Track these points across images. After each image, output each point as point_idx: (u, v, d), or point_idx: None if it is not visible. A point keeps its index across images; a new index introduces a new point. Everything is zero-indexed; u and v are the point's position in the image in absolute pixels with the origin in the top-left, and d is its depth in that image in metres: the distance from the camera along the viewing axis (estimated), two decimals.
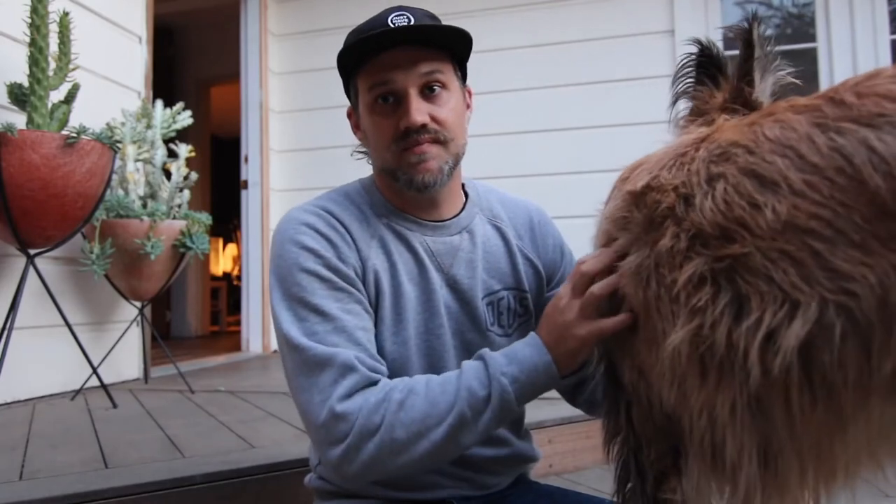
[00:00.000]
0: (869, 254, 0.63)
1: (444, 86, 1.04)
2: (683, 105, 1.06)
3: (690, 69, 1.05)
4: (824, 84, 3.66)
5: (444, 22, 1.05)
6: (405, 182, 1.04)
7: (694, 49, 1.04)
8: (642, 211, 0.81)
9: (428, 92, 1.02)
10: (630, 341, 0.85)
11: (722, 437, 0.74)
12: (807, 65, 3.69)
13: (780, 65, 1.01)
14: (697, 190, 0.75)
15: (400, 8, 1.02)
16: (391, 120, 1.01)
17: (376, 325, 1.03)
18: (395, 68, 1.00)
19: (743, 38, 0.98)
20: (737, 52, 0.99)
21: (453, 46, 1.05)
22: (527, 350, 0.93)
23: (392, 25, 0.99)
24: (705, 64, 1.03)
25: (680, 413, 0.79)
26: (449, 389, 0.92)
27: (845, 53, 3.63)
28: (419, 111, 1.00)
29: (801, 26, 3.86)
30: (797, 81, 1.01)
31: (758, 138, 0.73)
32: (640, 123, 3.66)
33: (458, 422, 0.90)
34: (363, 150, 1.15)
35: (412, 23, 1.00)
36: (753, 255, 0.69)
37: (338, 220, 1.04)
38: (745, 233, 0.70)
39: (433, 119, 1.01)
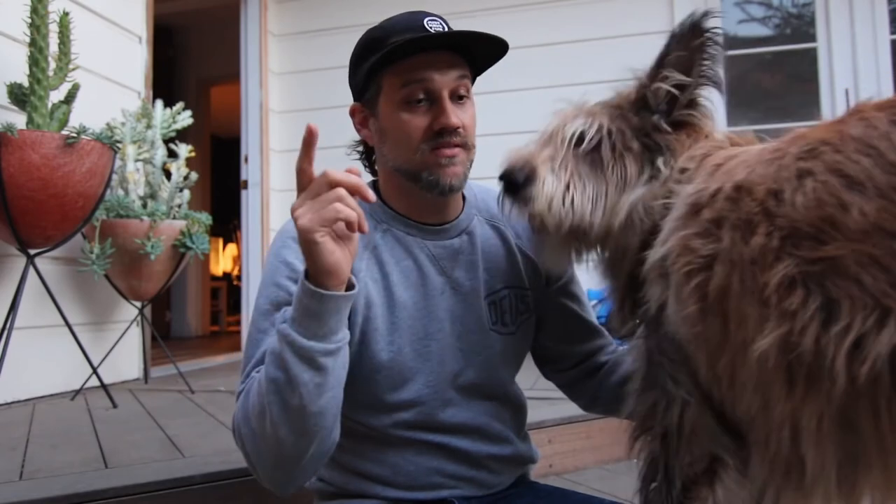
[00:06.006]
0: None
1: (468, 94, 1.06)
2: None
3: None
4: (824, 84, 3.65)
5: None
6: (429, 183, 1.04)
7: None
8: (740, 205, 0.79)
9: (456, 98, 1.04)
10: (711, 340, 0.80)
11: (804, 451, 0.72)
12: (807, 65, 3.69)
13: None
14: (787, 185, 0.74)
15: (429, 13, 1.03)
16: (423, 119, 1.02)
17: (369, 334, 1.04)
18: (432, 69, 1.01)
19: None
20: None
21: (482, 58, 1.07)
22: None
23: (430, 29, 1.00)
24: None
25: (757, 421, 0.76)
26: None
27: (845, 53, 3.63)
28: (455, 113, 1.02)
29: (801, 26, 3.86)
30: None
31: (843, 136, 0.73)
32: None
33: (272, 386, 0.87)
34: (360, 150, 1.16)
35: (447, 30, 1.02)
36: (846, 259, 0.67)
37: None
38: (836, 234, 0.68)
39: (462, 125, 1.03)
